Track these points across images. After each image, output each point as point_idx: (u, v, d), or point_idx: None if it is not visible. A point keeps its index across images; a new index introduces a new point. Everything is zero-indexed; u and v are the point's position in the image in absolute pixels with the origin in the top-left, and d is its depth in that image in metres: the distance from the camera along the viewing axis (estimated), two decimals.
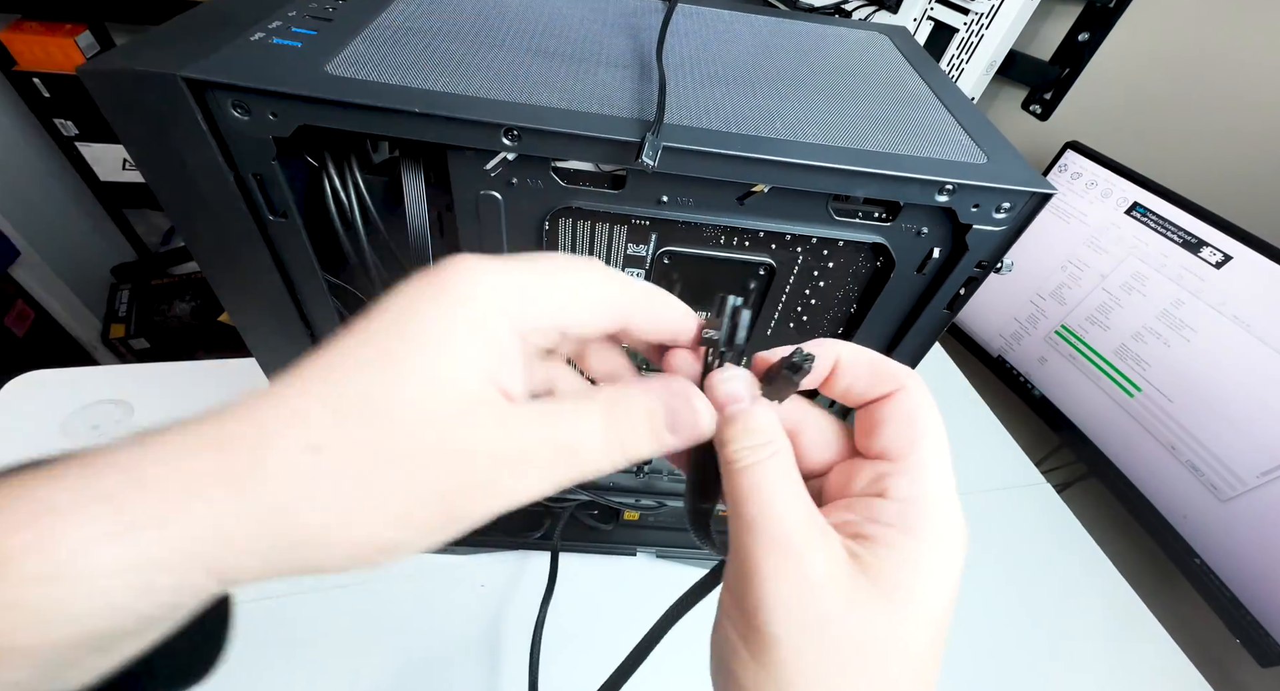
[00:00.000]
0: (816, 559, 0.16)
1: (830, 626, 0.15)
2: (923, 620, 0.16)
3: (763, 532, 0.16)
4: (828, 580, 0.16)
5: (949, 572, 0.17)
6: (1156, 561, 0.76)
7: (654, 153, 0.25)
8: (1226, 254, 0.61)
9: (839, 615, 0.16)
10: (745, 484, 0.17)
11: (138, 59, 0.24)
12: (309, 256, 0.31)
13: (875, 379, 0.19)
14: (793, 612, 0.16)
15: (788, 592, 0.16)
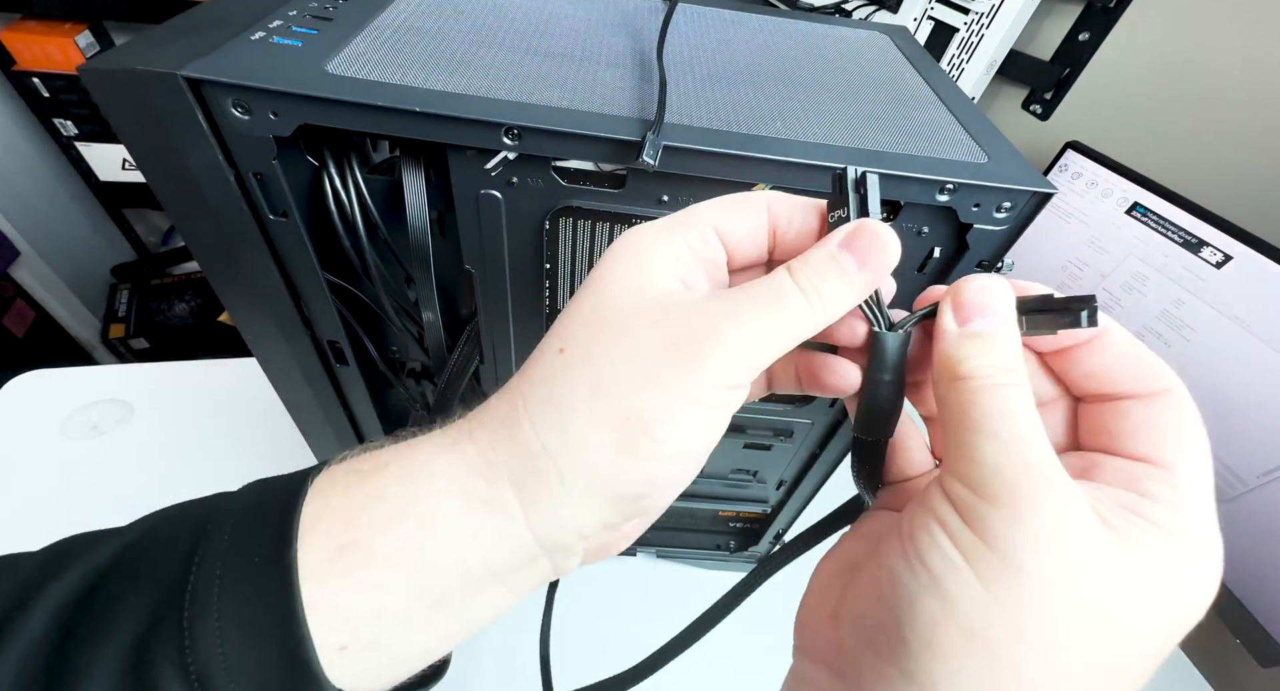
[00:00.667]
0: (1077, 496, 0.14)
1: (1089, 575, 0.13)
2: (1162, 617, 0.14)
3: (1023, 453, 0.14)
4: (1084, 519, 0.14)
5: (1199, 596, 0.14)
6: None
7: (654, 152, 0.25)
8: (1226, 254, 0.61)
9: (1100, 569, 0.13)
10: (994, 404, 0.15)
11: (138, 58, 0.24)
12: (309, 256, 0.31)
13: (1141, 370, 0.17)
14: (1043, 542, 0.13)
15: (1043, 519, 0.13)
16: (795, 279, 0.17)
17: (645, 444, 0.16)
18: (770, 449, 0.47)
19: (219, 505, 0.16)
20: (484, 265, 0.32)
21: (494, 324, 0.36)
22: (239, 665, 0.14)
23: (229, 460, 0.64)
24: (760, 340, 0.16)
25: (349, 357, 0.37)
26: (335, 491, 0.17)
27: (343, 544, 0.16)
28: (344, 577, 0.15)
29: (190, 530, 0.15)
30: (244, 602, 0.14)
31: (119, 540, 0.16)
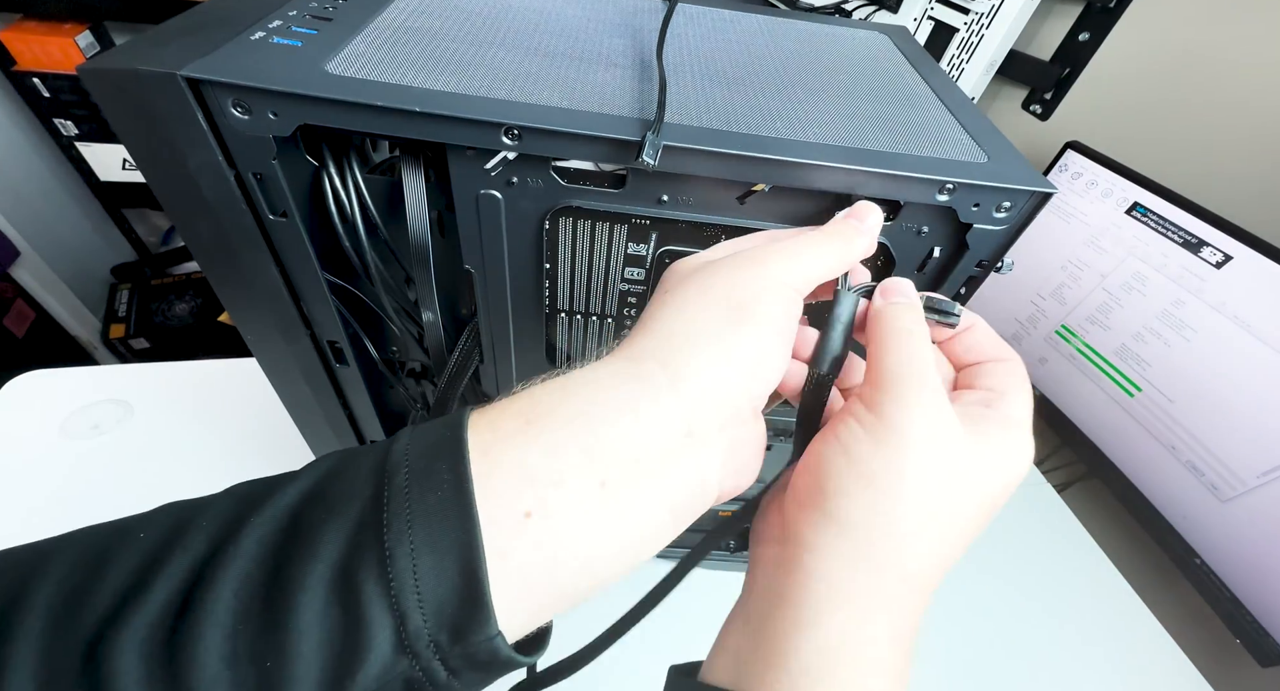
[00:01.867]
0: (945, 402, 0.21)
1: (939, 430, 0.20)
2: (996, 475, 0.21)
3: (913, 366, 0.21)
4: (950, 419, 0.21)
5: (1019, 464, 0.22)
6: (1156, 561, 0.76)
7: (654, 152, 0.25)
8: (1226, 254, 0.61)
9: (946, 427, 0.20)
10: (901, 338, 0.22)
11: (138, 58, 0.24)
12: (309, 256, 0.31)
13: (997, 347, 0.24)
14: (920, 424, 0.20)
15: (923, 412, 0.20)
16: (826, 231, 0.25)
17: (747, 314, 0.21)
18: (770, 449, 0.47)
19: (390, 452, 0.18)
20: (484, 265, 0.32)
21: (494, 324, 0.36)
22: (426, 587, 0.16)
23: (229, 460, 0.64)
24: (808, 256, 0.23)
25: (349, 358, 0.37)
26: (502, 406, 0.20)
27: (528, 418, 0.19)
28: (531, 440, 0.18)
29: (371, 473, 0.17)
30: (431, 537, 0.16)
31: (299, 485, 0.18)
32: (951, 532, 0.21)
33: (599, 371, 0.21)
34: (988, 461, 0.21)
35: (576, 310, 0.36)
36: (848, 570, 0.20)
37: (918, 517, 0.20)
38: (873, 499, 0.20)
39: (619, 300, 0.35)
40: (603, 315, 0.36)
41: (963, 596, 0.64)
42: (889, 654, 0.20)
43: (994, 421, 0.22)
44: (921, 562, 0.20)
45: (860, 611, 0.20)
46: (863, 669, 0.19)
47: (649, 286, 0.34)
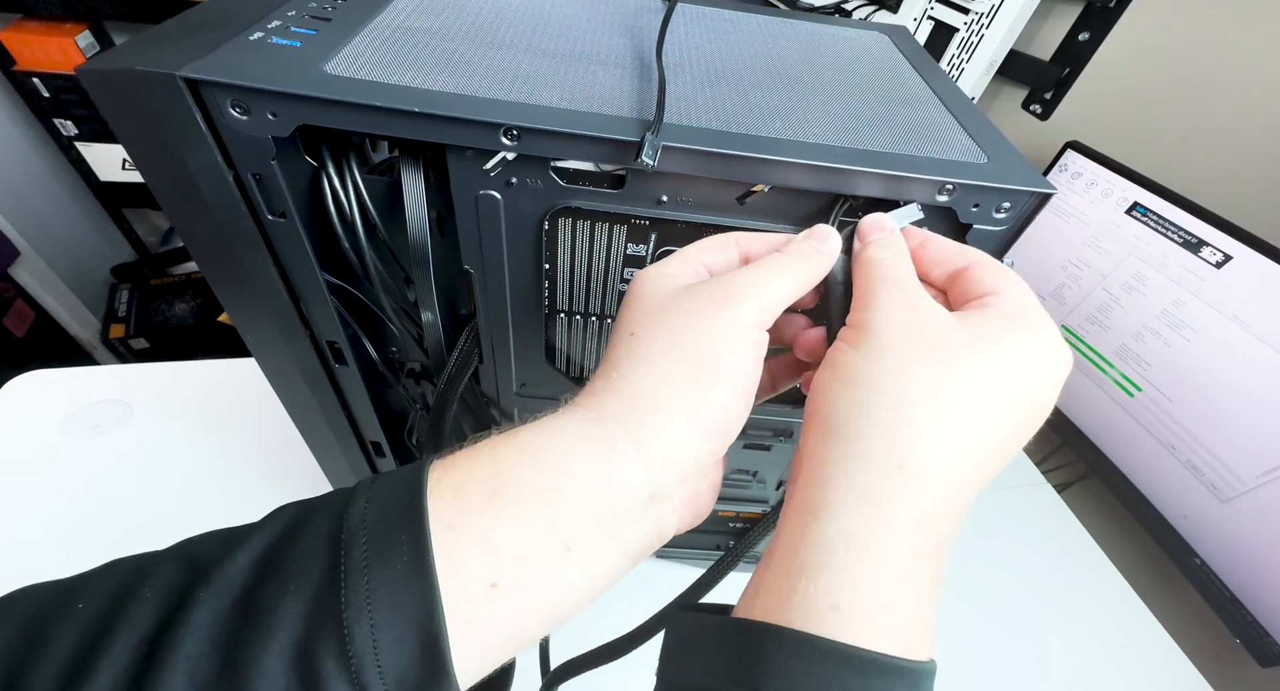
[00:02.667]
0: (922, 298, 0.22)
1: (926, 337, 0.20)
2: (1012, 368, 0.20)
3: (885, 279, 0.22)
4: (933, 313, 0.21)
5: (1042, 368, 0.21)
6: (1156, 561, 0.76)
7: (653, 152, 0.25)
8: (1226, 254, 0.61)
9: (937, 334, 0.20)
10: (880, 266, 0.23)
11: (137, 58, 0.24)
12: (308, 256, 0.31)
13: (959, 254, 0.24)
14: (899, 321, 0.21)
15: (894, 309, 0.21)
16: (787, 253, 0.24)
17: (715, 375, 0.21)
18: (770, 449, 0.47)
19: (347, 517, 0.18)
20: (483, 265, 0.32)
21: (493, 324, 0.36)
22: (387, 660, 0.16)
23: (229, 460, 0.64)
24: (773, 288, 0.23)
25: (348, 358, 0.37)
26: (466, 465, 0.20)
27: (493, 488, 0.19)
28: (498, 515, 0.18)
29: (326, 543, 0.17)
30: (391, 611, 0.16)
31: (250, 552, 0.17)
32: (970, 426, 0.20)
33: (566, 432, 0.20)
34: (993, 353, 0.20)
35: (576, 310, 0.36)
36: (847, 468, 0.19)
37: (911, 409, 0.19)
38: (855, 396, 0.20)
39: (618, 300, 0.35)
40: (602, 315, 0.36)
41: (963, 596, 0.64)
42: (896, 546, 0.19)
43: (988, 316, 0.21)
44: (938, 456, 0.19)
45: (861, 504, 0.19)
46: (865, 562, 0.18)
47: None
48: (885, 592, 0.18)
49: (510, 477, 0.19)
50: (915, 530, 0.19)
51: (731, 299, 0.22)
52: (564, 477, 0.19)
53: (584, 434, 0.20)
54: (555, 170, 0.29)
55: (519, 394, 0.41)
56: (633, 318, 0.23)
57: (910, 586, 0.19)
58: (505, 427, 0.21)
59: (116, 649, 0.15)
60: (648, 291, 0.23)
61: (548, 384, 0.41)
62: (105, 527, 0.58)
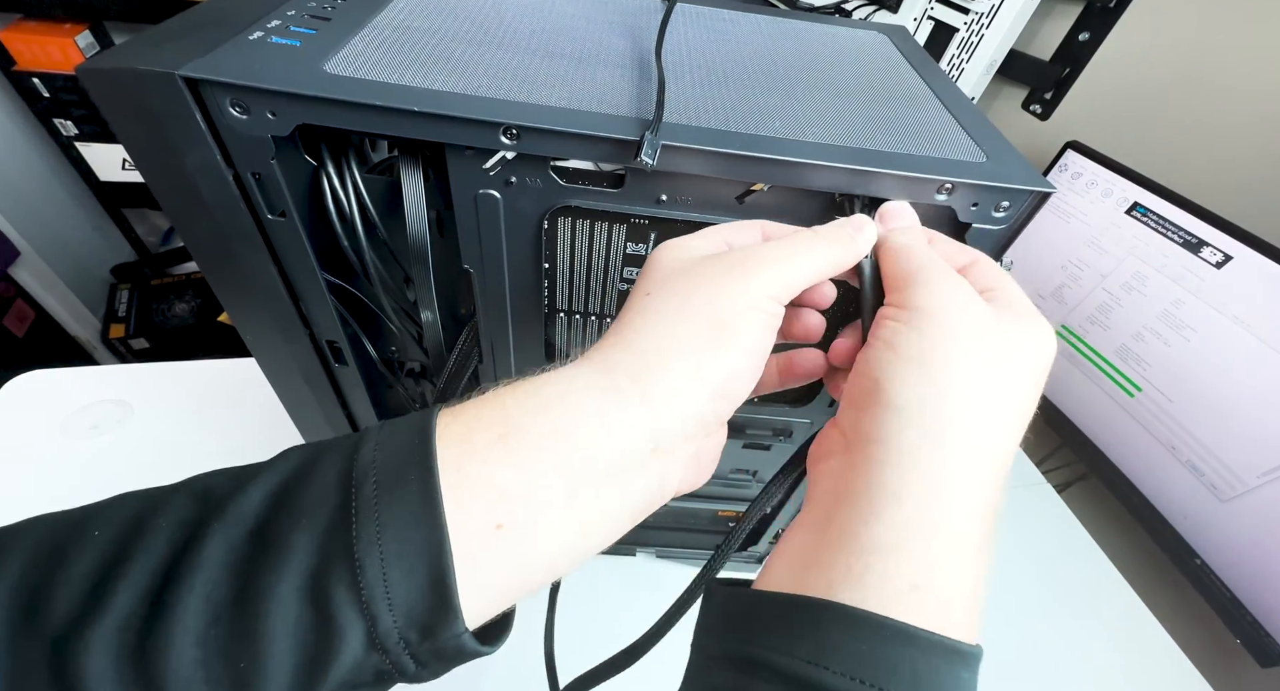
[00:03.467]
0: (966, 283, 0.23)
1: (971, 309, 0.22)
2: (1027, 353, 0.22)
3: (934, 263, 0.23)
4: (972, 293, 0.22)
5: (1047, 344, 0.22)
6: (1156, 561, 0.76)
7: (653, 151, 0.25)
8: (1226, 254, 0.61)
9: (983, 316, 0.22)
10: (910, 250, 0.24)
11: (137, 58, 0.24)
12: (308, 256, 0.31)
13: (961, 250, 0.25)
14: (952, 302, 0.22)
15: (951, 291, 0.22)
16: (818, 234, 0.24)
17: (726, 336, 0.21)
18: (770, 449, 0.47)
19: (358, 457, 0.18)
20: (482, 265, 0.32)
21: (493, 323, 0.36)
22: (397, 593, 0.16)
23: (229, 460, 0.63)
24: (796, 264, 0.23)
25: (348, 358, 0.37)
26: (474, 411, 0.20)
27: (500, 433, 0.19)
28: (504, 459, 0.18)
29: (338, 480, 0.17)
30: (400, 547, 0.17)
31: (263, 486, 0.18)
32: (1007, 405, 0.21)
33: (575, 382, 0.21)
34: (1015, 339, 0.22)
35: (575, 310, 0.36)
36: (917, 451, 0.20)
37: (971, 390, 0.20)
38: (927, 377, 0.20)
39: (618, 300, 0.35)
40: (601, 314, 0.36)
41: None
42: (969, 527, 0.19)
43: (1004, 307, 0.23)
44: (989, 435, 0.20)
45: (934, 487, 0.19)
46: (942, 540, 0.19)
47: None
48: (963, 574, 0.19)
49: (517, 424, 0.19)
50: (985, 511, 0.20)
51: (751, 266, 0.22)
52: (569, 424, 0.20)
53: (592, 383, 0.21)
54: (555, 169, 0.29)
55: None
56: (650, 281, 0.23)
57: (980, 566, 0.19)
58: (513, 379, 0.22)
59: (135, 573, 0.16)
60: (667, 258, 0.24)
61: None
62: None
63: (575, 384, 0.21)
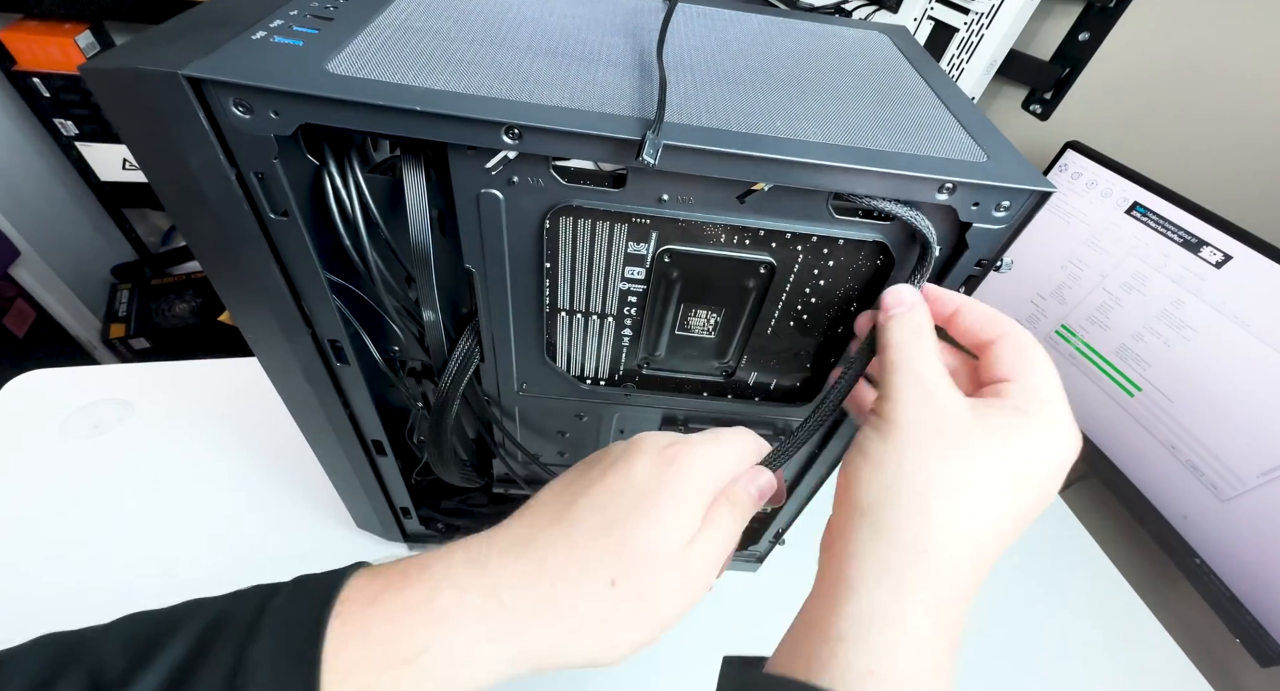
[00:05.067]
0: (941, 388, 0.23)
1: (945, 429, 0.22)
2: (1026, 458, 0.22)
3: (904, 369, 0.24)
4: (950, 404, 0.23)
5: (1055, 445, 0.23)
6: (1156, 561, 0.76)
7: (654, 151, 0.25)
8: (1226, 254, 0.61)
9: (956, 425, 0.22)
10: (902, 349, 0.24)
11: (139, 57, 0.24)
12: (310, 255, 0.31)
13: (989, 324, 0.25)
14: (918, 413, 0.23)
15: (915, 402, 0.23)
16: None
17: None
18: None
19: (244, 659, 0.19)
20: (484, 264, 0.32)
21: (494, 323, 0.36)
22: None
23: (229, 460, 0.64)
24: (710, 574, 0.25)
25: (349, 357, 0.37)
26: (369, 649, 0.21)
27: (389, 660, 0.21)
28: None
29: (223, 680, 0.19)
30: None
31: (155, 675, 0.19)
32: (984, 514, 0.22)
33: (457, 642, 0.22)
34: (1006, 445, 0.22)
35: (577, 309, 0.36)
36: (877, 550, 0.22)
37: (934, 501, 0.22)
38: (884, 484, 0.22)
39: (619, 299, 0.36)
40: (603, 314, 0.36)
41: None
42: (923, 624, 0.21)
43: (1006, 409, 0.23)
44: (957, 543, 0.22)
45: (891, 585, 0.21)
46: (893, 630, 0.21)
47: (648, 285, 0.35)
48: (914, 662, 0.21)
49: (390, 671, 0.20)
50: (939, 607, 0.21)
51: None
52: (436, 671, 0.21)
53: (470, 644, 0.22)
54: (556, 169, 0.29)
55: (520, 393, 0.41)
56: (533, 516, 0.25)
57: (933, 655, 0.21)
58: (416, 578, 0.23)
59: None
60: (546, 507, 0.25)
61: (548, 382, 0.41)
62: (106, 527, 0.58)
63: (457, 648, 0.21)
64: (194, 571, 0.55)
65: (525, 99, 0.27)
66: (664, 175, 0.29)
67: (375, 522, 0.55)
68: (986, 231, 0.29)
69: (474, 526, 0.32)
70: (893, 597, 0.21)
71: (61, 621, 0.23)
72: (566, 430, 0.46)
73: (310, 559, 0.59)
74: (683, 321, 0.37)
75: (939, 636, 0.21)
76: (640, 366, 0.40)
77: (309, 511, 0.61)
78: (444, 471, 0.46)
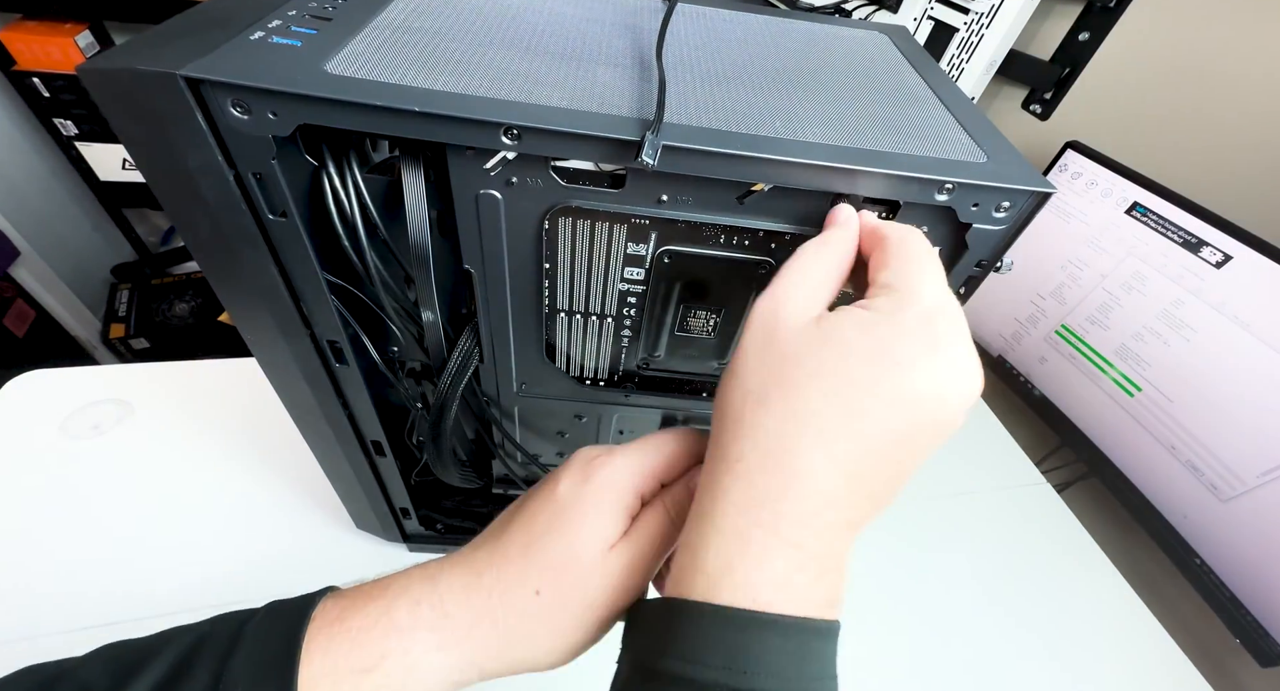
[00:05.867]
0: (789, 307, 0.23)
1: (772, 342, 0.22)
2: (845, 361, 0.21)
3: (770, 284, 0.24)
4: (787, 318, 0.22)
5: (890, 338, 0.21)
6: (1156, 561, 0.76)
7: (654, 152, 0.25)
8: (1226, 254, 0.61)
9: (783, 338, 0.22)
10: (797, 253, 0.25)
11: (137, 58, 0.24)
12: (309, 256, 0.31)
13: (871, 234, 0.25)
14: (754, 330, 0.23)
15: (758, 319, 0.23)
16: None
17: None
18: None
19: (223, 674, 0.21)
20: (483, 265, 0.32)
21: (494, 323, 0.36)
22: None
23: (229, 460, 0.64)
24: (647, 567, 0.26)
25: (349, 357, 0.37)
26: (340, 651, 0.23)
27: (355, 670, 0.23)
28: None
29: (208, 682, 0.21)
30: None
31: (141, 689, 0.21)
32: (816, 423, 0.21)
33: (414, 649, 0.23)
34: (839, 347, 0.21)
35: (576, 310, 0.36)
36: (714, 470, 0.22)
37: (740, 411, 0.22)
38: (719, 397, 0.23)
39: (618, 300, 0.36)
40: (602, 315, 0.36)
41: (962, 596, 0.64)
42: (737, 520, 0.21)
43: (851, 310, 0.22)
44: (758, 452, 0.21)
45: (725, 503, 0.21)
46: (709, 533, 0.21)
47: (648, 286, 0.35)
48: (726, 559, 0.21)
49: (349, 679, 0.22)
50: (751, 507, 0.21)
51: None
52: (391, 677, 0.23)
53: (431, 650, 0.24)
54: (555, 170, 0.29)
55: (519, 393, 0.41)
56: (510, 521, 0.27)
57: (750, 547, 0.21)
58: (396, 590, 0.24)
59: None
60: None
61: (548, 383, 0.41)
62: (106, 527, 0.58)
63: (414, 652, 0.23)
64: (193, 571, 0.55)
65: (524, 99, 0.26)
66: (663, 176, 0.29)
67: (375, 523, 0.55)
68: (986, 232, 0.29)
69: (474, 527, 0.32)
70: (709, 500, 0.21)
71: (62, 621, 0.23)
72: (566, 430, 0.46)
73: (309, 559, 0.59)
74: (682, 322, 0.37)
75: (752, 532, 0.20)
76: (640, 367, 0.40)
77: (308, 512, 0.61)
78: (443, 472, 0.46)
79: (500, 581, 0.24)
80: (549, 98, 0.27)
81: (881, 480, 0.21)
